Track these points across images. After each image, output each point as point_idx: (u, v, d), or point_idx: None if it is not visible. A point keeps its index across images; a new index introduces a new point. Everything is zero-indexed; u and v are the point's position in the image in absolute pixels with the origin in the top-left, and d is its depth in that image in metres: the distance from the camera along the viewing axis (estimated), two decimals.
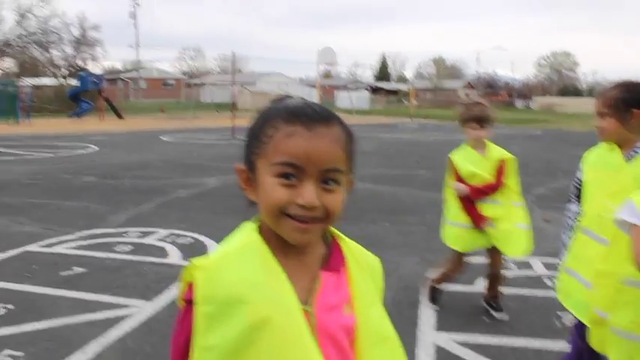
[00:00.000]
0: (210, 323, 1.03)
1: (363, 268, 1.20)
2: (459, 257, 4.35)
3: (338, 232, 1.21)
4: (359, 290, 1.16)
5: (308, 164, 1.04)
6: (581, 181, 2.79)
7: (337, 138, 1.08)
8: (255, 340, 1.02)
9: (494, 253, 4.23)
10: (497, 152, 4.24)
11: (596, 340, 2.36)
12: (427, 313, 4.39)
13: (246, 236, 1.13)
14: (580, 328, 2.61)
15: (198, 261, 1.09)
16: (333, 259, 1.16)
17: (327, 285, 1.12)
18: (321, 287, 1.11)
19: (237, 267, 1.06)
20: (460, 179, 4.19)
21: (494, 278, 4.34)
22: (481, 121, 4.10)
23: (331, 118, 1.10)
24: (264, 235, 1.12)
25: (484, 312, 4.36)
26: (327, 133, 1.07)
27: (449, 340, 3.91)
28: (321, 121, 1.07)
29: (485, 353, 3.72)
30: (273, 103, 1.16)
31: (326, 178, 1.06)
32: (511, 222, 4.11)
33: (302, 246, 1.11)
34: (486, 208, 4.13)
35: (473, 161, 4.18)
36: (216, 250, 1.14)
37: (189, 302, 1.08)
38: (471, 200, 4.14)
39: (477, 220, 4.13)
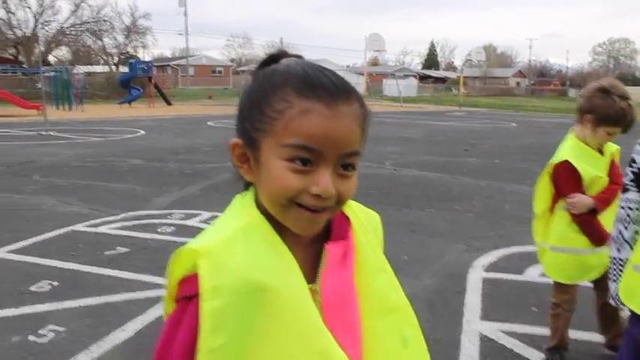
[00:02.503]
0: (218, 320, 0.87)
1: (367, 229, 1.07)
2: (567, 290, 3.31)
3: None
4: (364, 257, 1.02)
5: (327, 148, 0.89)
6: None
7: (357, 116, 0.93)
8: (267, 332, 0.88)
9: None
10: (609, 145, 3.16)
11: None
12: (473, 302, 4.24)
13: (247, 215, 0.97)
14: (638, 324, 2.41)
15: (199, 246, 0.91)
16: (338, 227, 1.01)
17: (333, 258, 0.98)
18: (327, 262, 0.97)
19: (245, 251, 0.91)
20: (577, 188, 3.07)
21: (613, 313, 3.28)
22: (628, 128, 3.00)
23: (351, 91, 0.94)
24: (263, 211, 0.97)
25: (533, 302, 4.18)
26: (348, 111, 0.91)
27: (495, 330, 3.76)
28: (341, 97, 0.91)
29: (533, 344, 3.57)
30: (273, 65, 0.98)
31: (344, 163, 0.92)
32: None
33: (307, 235, 0.96)
34: (605, 221, 3.04)
35: (592, 161, 3.08)
36: (213, 232, 0.97)
37: (186, 299, 0.91)
38: (592, 214, 3.07)
39: (602, 238, 3.04)
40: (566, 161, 3.06)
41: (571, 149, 3.11)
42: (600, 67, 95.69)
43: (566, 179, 3.08)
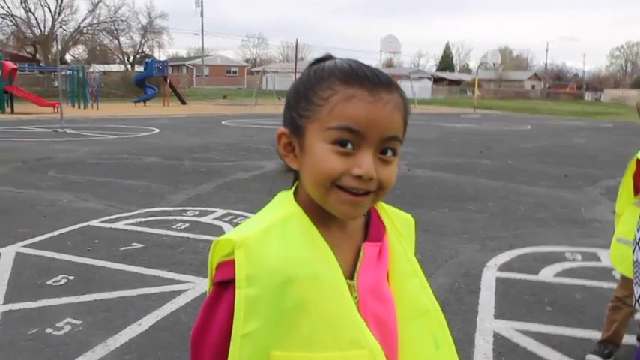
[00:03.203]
0: (251, 307, 0.91)
1: (402, 233, 1.11)
2: (630, 286, 3.19)
3: None
4: (397, 261, 1.06)
5: (369, 131, 0.93)
6: None
7: (398, 105, 0.97)
8: (299, 321, 0.92)
9: None
10: None
11: None
12: (487, 300, 4.24)
13: (286, 207, 1.01)
14: None
15: (236, 236, 0.95)
16: (374, 229, 1.06)
17: (369, 257, 1.02)
18: (363, 260, 1.01)
19: (280, 242, 0.95)
20: None
21: None
22: None
23: (392, 83, 0.99)
24: (304, 205, 1.00)
25: (547, 301, 4.17)
26: (390, 99, 0.96)
27: (508, 328, 3.76)
28: (383, 86, 0.96)
29: (547, 342, 3.56)
30: (320, 63, 1.04)
31: (385, 148, 0.96)
32: None
33: (349, 220, 1.00)
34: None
35: None
36: (252, 223, 1.00)
37: (222, 284, 0.95)
38: None
39: None
40: (637, 159, 3.20)
41: None
42: (617, 70, 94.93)
43: (634, 175, 3.21)
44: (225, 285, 0.95)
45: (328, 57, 1.05)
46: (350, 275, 0.99)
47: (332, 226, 1.00)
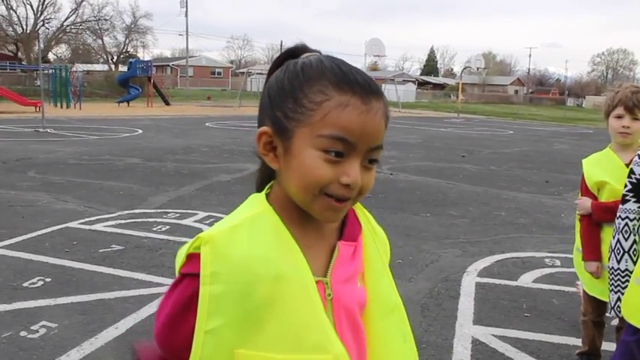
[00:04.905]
0: (215, 305, 0.93)
1: (377, 237, 1.14)
2: (588, 299, 3.22)
3: None
4: (371, 261, 1.09)
5: (360, 141, 0.94)
6: None
7: (384, 112, 0.98)
8: (265, 320, 0.93)
9: None
10: None
11: None
12: (466, 306, 4.25)
13: (256, 207, 1.01)
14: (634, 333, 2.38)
15: (204, 233, 0.97)
16: (350, 228, 1.07)
17: (343, 256, 1.04)
18: (337, 258, 1.03)
19: (247, 241, 0.95)
20: (585, 191, 3.11)
21: None
22: (633, 108, 2.86)
23: (379, 90, 0.99)
24: (277, 205, 1.01)
25: (525, 308, 4.19)
26: (379, 107, 0.97)
27: (487, 334, 3.77)
28: (373, 94, 0.96)
29: (525, 349, 3.57)
30: (297, 55, 1.03)
31: (371, 157, 0.98)
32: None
33: (330, 223, 1.03)
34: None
35: (609, 168, 3.00)
36: (222, 222, 1.01)
37: (185, 275, 0.98)
38: (594, 223, 3.05)
39: (587, 252, 3.05)
40: (581, 162, 3.17)
41: (596, 153, 3.17)
42: (599, 77, 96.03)
43: (581, 181, 3.17)
44: (183, 276, 0.98)
45: (302, 47, 1.04)
46: (323, 273, 1.01)
47: (307, 226, 1.02)
